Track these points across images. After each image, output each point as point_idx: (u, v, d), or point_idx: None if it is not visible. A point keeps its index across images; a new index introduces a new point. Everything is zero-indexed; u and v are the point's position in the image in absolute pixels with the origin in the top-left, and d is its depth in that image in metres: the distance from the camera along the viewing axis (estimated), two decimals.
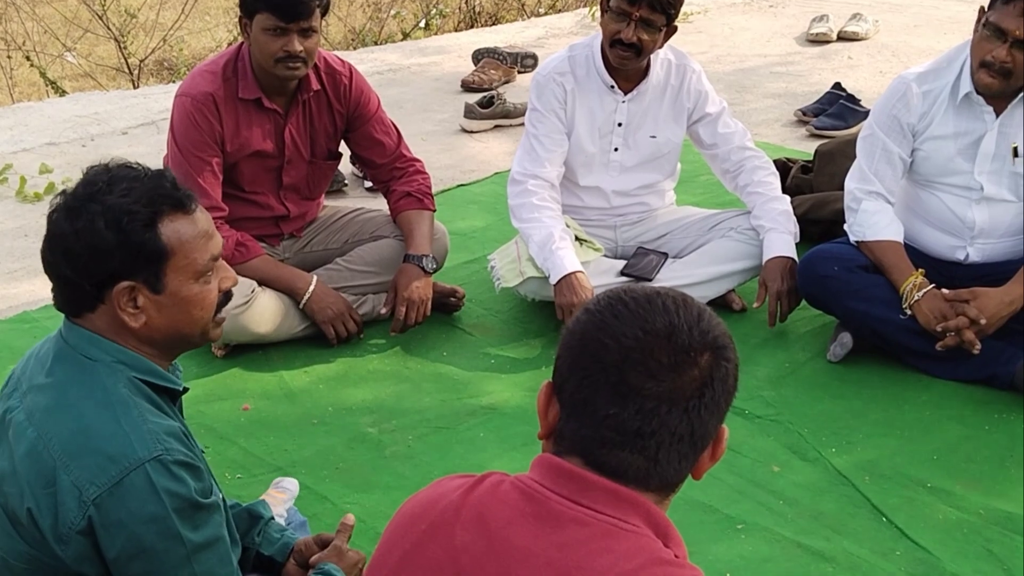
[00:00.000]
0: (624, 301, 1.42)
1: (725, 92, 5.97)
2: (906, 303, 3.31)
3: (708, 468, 1.47)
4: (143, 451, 1.75)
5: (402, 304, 3.55)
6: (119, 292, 1.81)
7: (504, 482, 1.45)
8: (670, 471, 1.41)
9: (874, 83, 6.18)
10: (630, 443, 1.39)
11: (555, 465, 1.42)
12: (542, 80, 3.71)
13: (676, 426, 1.38)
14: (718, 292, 3.72)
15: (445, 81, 6.48)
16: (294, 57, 3.38)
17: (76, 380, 1.81)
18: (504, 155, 5.28)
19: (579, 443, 1.42)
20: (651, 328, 1.39)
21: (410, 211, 3.72)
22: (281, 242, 3.80)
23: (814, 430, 3.15)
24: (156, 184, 1.84)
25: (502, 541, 1.39)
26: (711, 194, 4.50)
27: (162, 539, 1.76)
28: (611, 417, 1.38)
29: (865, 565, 2.64)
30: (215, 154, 3.50)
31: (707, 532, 2.73)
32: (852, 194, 3.46)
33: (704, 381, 1.39)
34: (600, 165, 3.80)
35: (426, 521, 1.46)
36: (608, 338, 1.39)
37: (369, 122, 3.72)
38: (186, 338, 1.91)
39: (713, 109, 3.79)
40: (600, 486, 1.40)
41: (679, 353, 1.38)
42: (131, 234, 1.79)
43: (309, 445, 3.12)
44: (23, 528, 1.78)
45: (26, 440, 1.79)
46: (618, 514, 1.39)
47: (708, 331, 1.40)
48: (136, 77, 7.64)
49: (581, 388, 1.40)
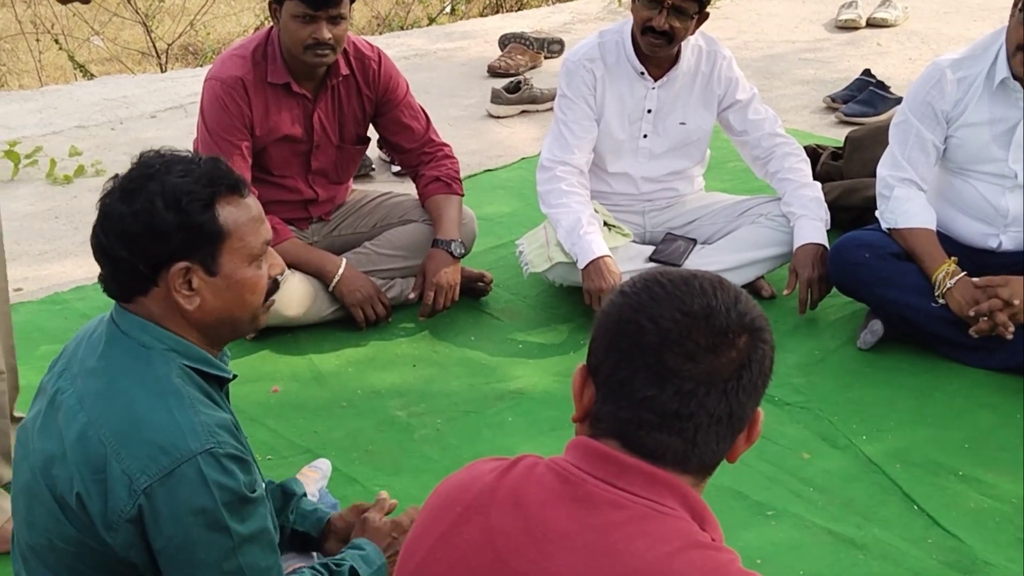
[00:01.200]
0: (661, 283, 1.42)
1: (753, 78, 5.93)
2: (938, 291, 3.29)
3: (743, 451, 1.46)
4: (195, 444, 1.75)
5: (430, 289, 3.55)
6: (175, 273, 1.81)
7: (539, 464, 1.45)
8: (708, 453, 1.41)
9: (904, 70, 6.14)
10: (668, 425, 1.38)
11: (591, 448, 1.42)
12: (571, 66, 3.70)
13: (714, 408, 1.38)
14: (747, 279, 3.70)
15: (471, 66, 6.46)
16: (323, 44, 3.39)
17: (129, 367, 1.81)
18: (531, 140, 5.27)
19: (616, 425, 1.41)
20: (689, 310, 1.38)
21: (438, 196, 3.72)
22: (310, 225, 3.81)
23: (844, 417, 3.14)
24: (213, 167, 1.85)
25: (538, 523, 1.39)
26: (740, 180, 4.48)
27: (210, 531, 1.76)
28: (649, 399, 1.38)
29: (896, 552, 2.63)
30: (244, 138, 3.51)
31: (737, 518, 2.73)
32: (884, 181, 3.44)
33: (742, 363, 1.38)
34: (629, 152, 3.79)
35: (462, 503, 1.45)
36: (646, 320, 1.39)
37: (398, 107, 3.72)
38: (237, 323, 1.91)
39: (743, 96, 3.78)
40: (637, 469, 1.39)
41: (717, 335, 1.38)
42: (190, 214, 1.79)
43: (338, 427, 3.13)
44: (71, 512, 1.79)
45: (77, 424, 1.79)
46: (655, 497, 1.38)
47: (745, 313, 1.40)
48: (164, 62, 7.66)
49: (618, 370, 1.40)
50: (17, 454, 1.95)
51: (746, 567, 2.61)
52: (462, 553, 1.43)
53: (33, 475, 1.85)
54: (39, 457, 1.84)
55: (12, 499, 1.98)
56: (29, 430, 1.91)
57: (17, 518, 1.94)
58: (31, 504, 1.87)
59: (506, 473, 1.46)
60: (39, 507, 1.84)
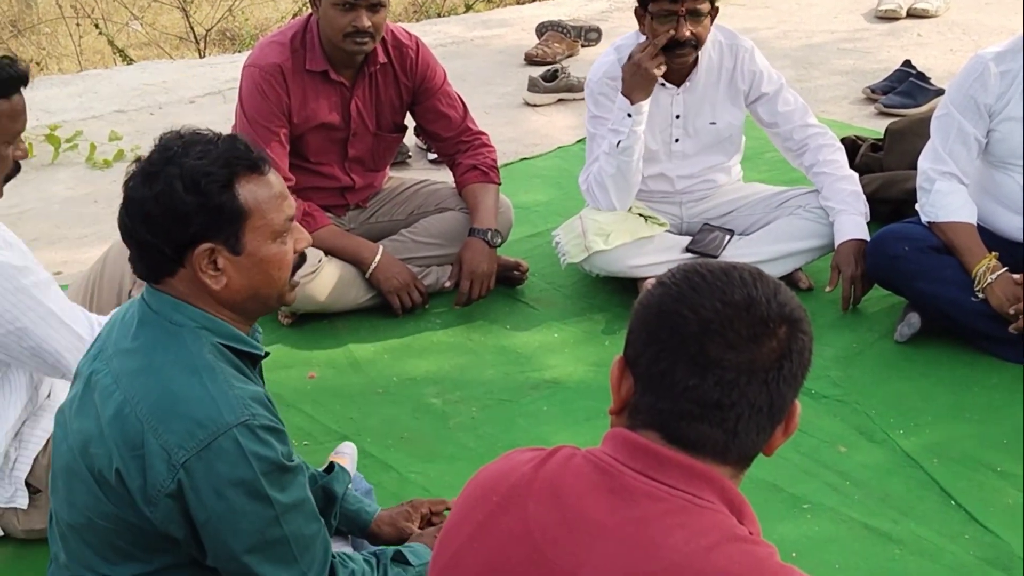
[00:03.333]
0: (701, 274, 1.42)
1: (791, 68, 5.91)
2: (978, 286, 3.26)
3: (780, 444, 1.46)
4: (230, 416, 1.77)
5: (467, 278, 3.56)
6: (200, 254, 1.82)
7: (576, 455, 1.45)
8: (748, 444, 1.41)
9: (944, 61, 6.08)
10: (709, 415, 1.38)
11: (630, 440, 1.42)
12: (595, 86, 3.68)
13: (755, 398, 1.38)
14: (785, 271, 3.68)
15: (508, 54, 6.46)
16: (362, 32, 3.39)
17: (162, 345, 1.83)
18: (567, 129, 5.26)
19: (656, 416, 1.41)
20: (730, 300, 1.38)
21: (475, 184, 3.73)
22: (347, 213, 3.82)
23: (882, 411, 3.12)
24: (231, 147, 1.86)
25: (576, 514, 1.39)
26: (777, 171, 4.45)
27: (251, 501, 1.78)
28: (691, 389, 1.38)
29: (932, 548, 2.62)
30: (282, 124, 3.52)
31: (773, 511, 2.72)
32: (925, 174, 3.41)
33: (782, 353, 1.39)
34: (663, 156, 3.77)
35: (499, 493, 1.46)
36: (687, 310, 1.39)
37: (435, 95, 3.72)
38: (264, 300, 1.93)
39: (770, 88, 3.74)
40: (675, 462, 1.39)
41: (758, 325, 1.38)
42: (209, 195, 1.80)
43: (374, 414, 3.15)
44: (110, 489, 1.81)
45: (113, 403, 1.81)
46: (693, 490, 1.38)
47: (785, 303, 1.40)
48: (203, 47, 7.70)
49: (658, 360, 1.40)
50: (55, 436, 1.98)
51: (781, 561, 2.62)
52: (499, 543, 1.43)
53: (72, 455, 1.88)
54: (77, 437, 1.87)
55: (51, 480, 2.01)
56: (66, 413, 1.94)
57: (56, 498, 1.97)
58: (70, 483, 1.89)
59: (543, 464, 1.46)
60: (79, 486, 1.87)
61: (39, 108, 5.58)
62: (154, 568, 1.88)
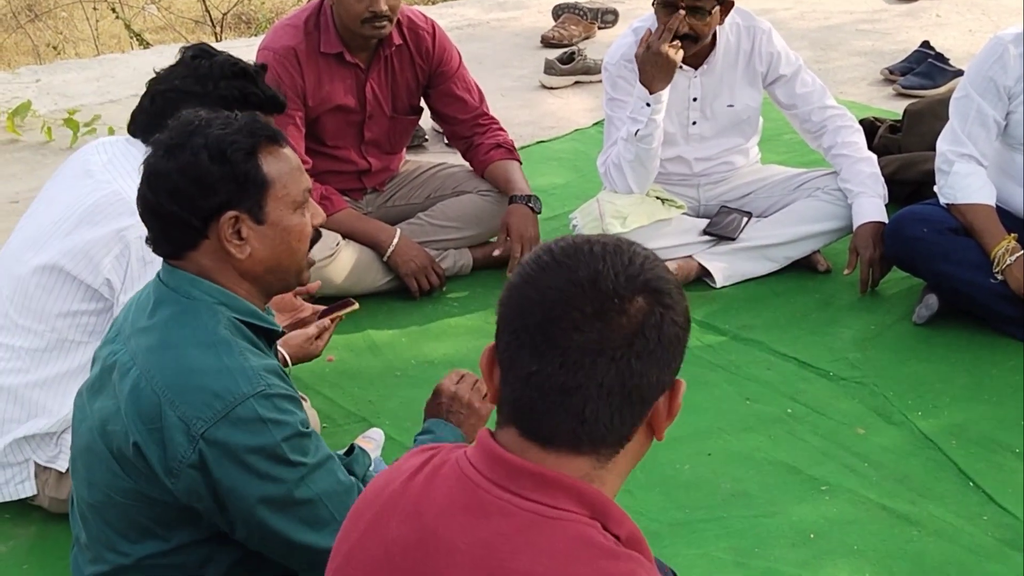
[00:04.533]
0: (551, 251, 1.33)
1: (809, 49, 5.89)
2: (997, 267, 3.25)
3: (667, 425, 1.36)
4: (247, 387, 1.79)
5: (517, 241, 3.55)
6: (225, 222, 1.85)
7: (447, 463, 1.37)
8: (600, 429, 1.30)
9: (963, 42, 6.05)
10: (556, 401, 1.29)
11: (486, 446, 1.34)
12: (613, 68, 3.67)
13: (603, 377, 1.27)
14: (803, 253, 3.69)
15: (524, 36, 6.44)
16: (380, 16, 3.40)
17: (178, 320, 1.85)
18: (584, 112, 5.25)
19: (512, 410, 1.34)
20: (574, 277, 1.29)
21: (502, 161, 3.74)
22: (364, 196, 3.83)
23: (900, 393, 3.12)
24: (251, 119, 1.91)
25: (431, 534, 1.33)
26: (795, 152, 4.44)
27: (275, 466, 1.80)
28: (534, 375, 1.29)
29: (951, 529, 2.62)
30: (297, 107, 3.53)
31: (791, 493, 2.73)
32: (944, 156, 3.40)
33: (634, 329, 1.28)
34: (681, 139, 3.77)
35: (372, 510, 1.40)
36: (533, 291, 1.30)
37: (451, 79, 3.73)
38: (285, 273, 1.95)
39: (787, 70, 3.72)
40: (525, 470, 1.30)
41: (604, 300, 1.28)
42: (235, 163, 1.84)
43: (393, 397, 3.16)
44: (129, 465, 1.83)
45: (130, 379, 1.83)
46: (545, 499, 1.29)
47: (638, 275, 1.30)
48: (219, 31, 7.71)
49: (509, 347, 1.32)
50: (75, 419, 2.00)
51: (799, 542, 2.63)
52: (364, 567, 1.38)
53: (91, 435, 1.90)
54: (96, 417, 1.89)
55: (71, 461, 2.04)
56: (85, 395, 1.96)
57: (77, 479, 1.99)
58: (90, 463, 1.92)
59: (415, 476, 1.38)
60: (98, 465, 1.89)
61: (57, 92, 5.61)
62: (173, 545, 1.89)
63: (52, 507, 2.63)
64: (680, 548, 2.52)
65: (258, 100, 2.50)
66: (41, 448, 2.58)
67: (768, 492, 2.73)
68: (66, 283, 2.49)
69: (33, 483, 2.60)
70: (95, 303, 2.50)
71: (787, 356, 3.30)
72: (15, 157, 4.86)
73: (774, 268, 3.71)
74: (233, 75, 2.48)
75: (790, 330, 3.44)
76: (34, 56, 7.72)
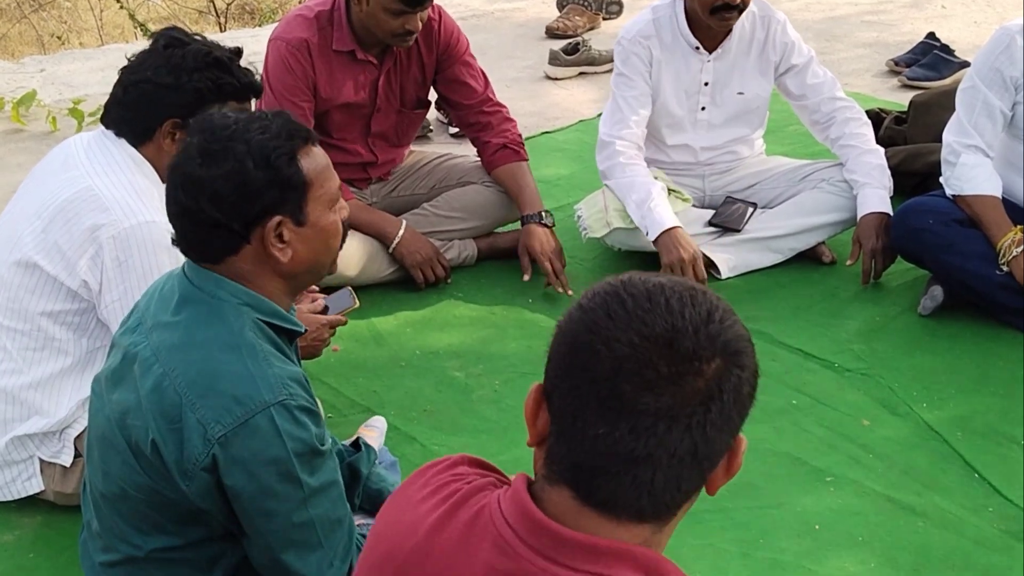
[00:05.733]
0: (622, 299, 1.21)
1: (814, 41, 5.87)
2: (1003, 259, 3.25)
3: (723, 483, 1.29)
4: (268, 395, 1.78)
5: (544, 260, 3.55)
6: (271, 227, 1.84)
7: (481, 515, 1.28)
8: (667, 498, 1.23)
9: (968, 33, 6.03)
10: (622, 469, 1.20)
11: (526, 512, 1.24)
12: (627, 44, 3.66)
13: (676, 446, 1.19)
14: (808, 244, 3.68)
15: (529, 27, 6.44)
16: (413, 32, 3.40)
17: (203, 320, 1.85)
18: (589, 103, 5.25)
19: (568, 470, 1.23)
20: (650, 332, 1.18)
21: (510, 164, 3.72)
22: (369, 186, 3.83)
23: (905, 384, 3.12)
24: (286, 120, 1.89)
25: None
26: (800, 144, 4.44)
27: (281, 481, 1.80)
28: (600, 438, 1.19)
29: (956, 521, 2.62)
30: (307, 99, 3.52)
31: (796, 484, 2.73)
32: (950, 147, 3.39)
33: (710, 393, 1.19)
34: (688, 124, 3.76)
35: (395, 563, 1.31)
36: (600, 343, 1.19)
37: (458, 62, 3.71)
38: (320, 269, 1.97)
39: (800, 60, 3.72)
40: (575, 542, 1.22)
41: (682, 362, 1.18)
42: (279, 169, 1.83)
43: (397, 387, 3.16)
44: (146, 461, 1.83)
45: (152, 376, 1.83)
46: (600, 569, 1.21)
47: (718, 334, 1.20)
48: (224, 21, 7.71)
49: (570, 401, 1.21)
50: (92, 406, 2.00)
51: (804, 533, 2.63)
52: None
53: (109, 425, 1.90)
54: (115, 408, 1.89)
55: (87, 448, 2.04)
56: (103, 383, 1.96)
57: (91, 466, 1.99)
58: (106, 453, 1.91)
59: (444, 526, 1.29)
60: (114, 456, 1.89)
61: (61, 82, 5.61)
62: (185, 542, 1.90)
63: (59, 500, 2.63)
64: (686, 539, 2.52)
65: (233, 89, 2.46)
66: (45, 444, 2.57)
67: (773, 483, 2.73)
68: (46, 282, 2.48)
69: (40, 479, 2.60)
70: (76, 303, 2.49)
71: (792, 347, 3.30)
72: (20, 147, 4.87)
73: (779, 259, 3.71)
74: (206, 65, 2.44)
75: (795, 321, 3.44)
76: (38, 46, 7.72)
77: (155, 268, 2.35)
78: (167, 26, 2.68)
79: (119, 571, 1.96)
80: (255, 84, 2.52)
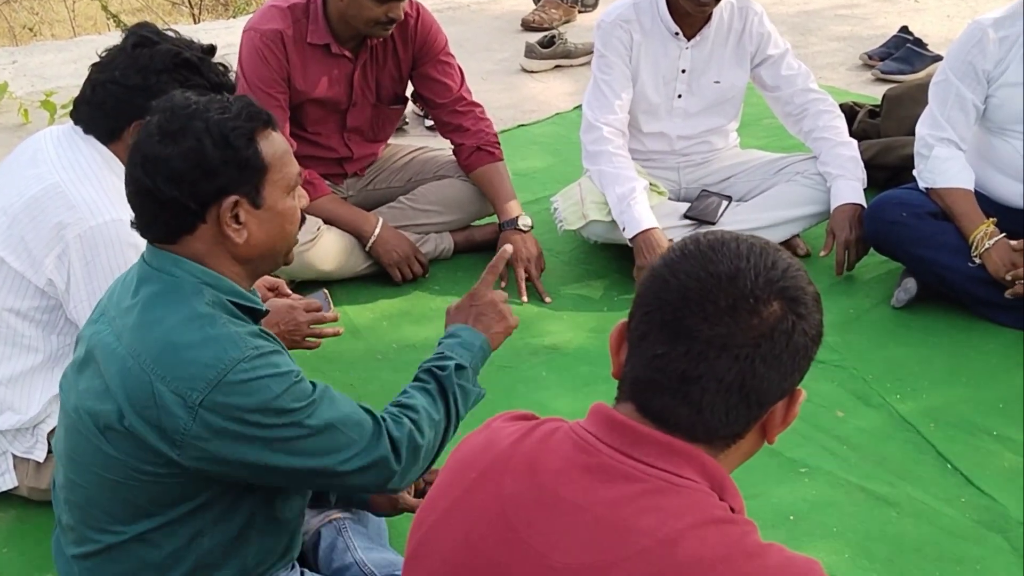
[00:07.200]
0: (697, 241, 1.38)
1: (788, 35, 5.89)
2: (975, 252, 3.27)
3: (779, 431, 1.40)
4: (235, 352, 1.79)
5: (519, 267, 3.55)
6: (227, 207, 1.85)
7: (559, 430, 1.42)
8: (715, 422, 1.34)
9: (941, 27, 6.07)
10: (675, 387, 1.33)
11: (607, 416, 1.39)
12: (607, 26, 3.67)
13: (724, 374, 1.31)
14: (783, 237, 3.70)
15: (505, 20, 6.44)
16: (393, 21, 3.38)
17: (160, 298, 1.85)
18: (564, 96, 5.25)
19: (633, 386, 1.38)
20: (715, 270, 1.33)
21: (486, 167, 3.72)
22: (344, 181, 3.82)
23: (879, 376, 3.14)
24: (247, 103, 1.90)
25: (551, 492, 1.36)
26: (775, 137, 4.46)
27: (279, 416, 1.81)
28: (659, 357, 1.34)
29: (929, 511, 2.64)
30: (282, 90, 3.51)
31: (771, 475, 2.74)
32: (923, 140, 3.42)
33: (763, 332, 1.31)
34: (664, 112, 3.77)
35: (477, 468, 1.43)
36: (671, 276, 1.35)
37: (435, 60, 3.70)
38: (275, 255, 1.96)
39: (775, 51, 3.74)
40: (652, 439, 1.35)
41: (740, 298, 1.31)
42: (237, 149, 1.84)
43: (374, 380, 3.16)
44: (119, 440, 1.82)
45: (117, 359, 1.83)
46: (671, 467, 1.34)
47: (778, 280, 1.33)
48: (198, 13, 7.67)
49: (640, 325, 1.37)
50: (62, 401, 1.99)
51: (778, 523, 2.64)
52: (474, 520, 1.40)
53: (77, 414, 1.89)
54: (82, 397, 1.88)
55: (55, 443, 2.03)
56: (71, 376, 1.95)
57: (61, 460, 1.98)
58: (76, 443, 1.91)
59: (524, 438, 1.43)
60: (85, 444, 1.88)
61: (33, 74, 5.57)
62: (163, 522, 1.89)
63: (33, 496, 2.62)
64: None
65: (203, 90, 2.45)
66: (17, 440, 2.57)
67: (748, 474, 2.70)
68: (13, 279, 2.47)
69: (13, 475, 2.60)
70: (43, 300, 2.48)
71: None
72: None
73: None
74: (175, 67, 2.43)
75: None
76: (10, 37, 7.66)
77: (123, 266, 2.34)
78: (139, 22, 2.66)
79: (93, 562, 1.95)
80: (227, 83, 2.51)
